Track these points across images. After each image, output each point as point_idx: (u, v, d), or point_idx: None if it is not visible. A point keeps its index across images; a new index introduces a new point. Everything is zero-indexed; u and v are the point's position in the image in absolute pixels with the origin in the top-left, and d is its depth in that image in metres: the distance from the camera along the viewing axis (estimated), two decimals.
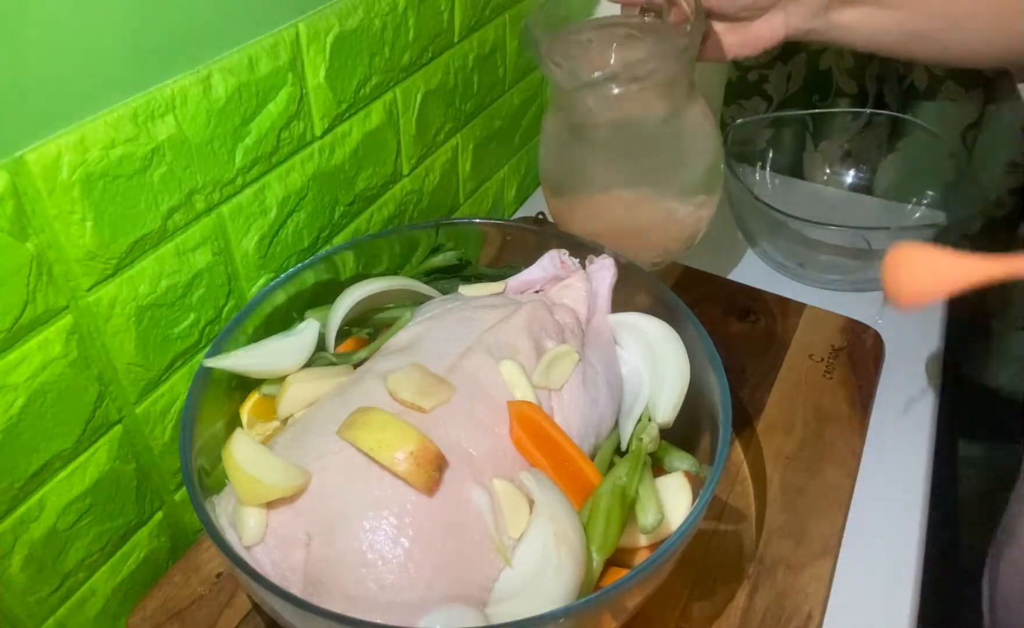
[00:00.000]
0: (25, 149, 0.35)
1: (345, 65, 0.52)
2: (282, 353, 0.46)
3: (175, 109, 0.41)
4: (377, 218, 0.62)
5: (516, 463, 0.39)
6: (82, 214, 0.38)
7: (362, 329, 0.51)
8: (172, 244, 0.43)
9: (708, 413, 0.42)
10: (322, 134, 0.53)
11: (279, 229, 0.51)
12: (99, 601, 0.45)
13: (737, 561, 0.47)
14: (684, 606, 0.45)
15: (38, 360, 0.38)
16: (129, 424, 0.44)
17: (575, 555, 0.34)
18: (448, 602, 0.35)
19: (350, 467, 0.37)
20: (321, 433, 0.39)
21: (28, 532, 0.40)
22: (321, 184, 0.54)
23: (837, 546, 0.48)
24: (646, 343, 0.47)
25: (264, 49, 0.46)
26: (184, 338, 0.46)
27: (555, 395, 0.42)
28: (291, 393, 0.44)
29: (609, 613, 0.36)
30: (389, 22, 0.55)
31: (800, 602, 0.45)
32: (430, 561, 0.35)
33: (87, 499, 0.42)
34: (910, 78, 0.91)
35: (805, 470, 0.53)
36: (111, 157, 0.38)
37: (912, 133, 0.83)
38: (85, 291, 0.39)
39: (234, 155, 0.46)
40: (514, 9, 0.72)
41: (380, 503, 0.36)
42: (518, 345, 0.44)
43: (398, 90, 0.59)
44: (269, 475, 0.36)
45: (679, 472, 0.42)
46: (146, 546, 0.48)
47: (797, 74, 0.93)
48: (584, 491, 0.39)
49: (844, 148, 0.87)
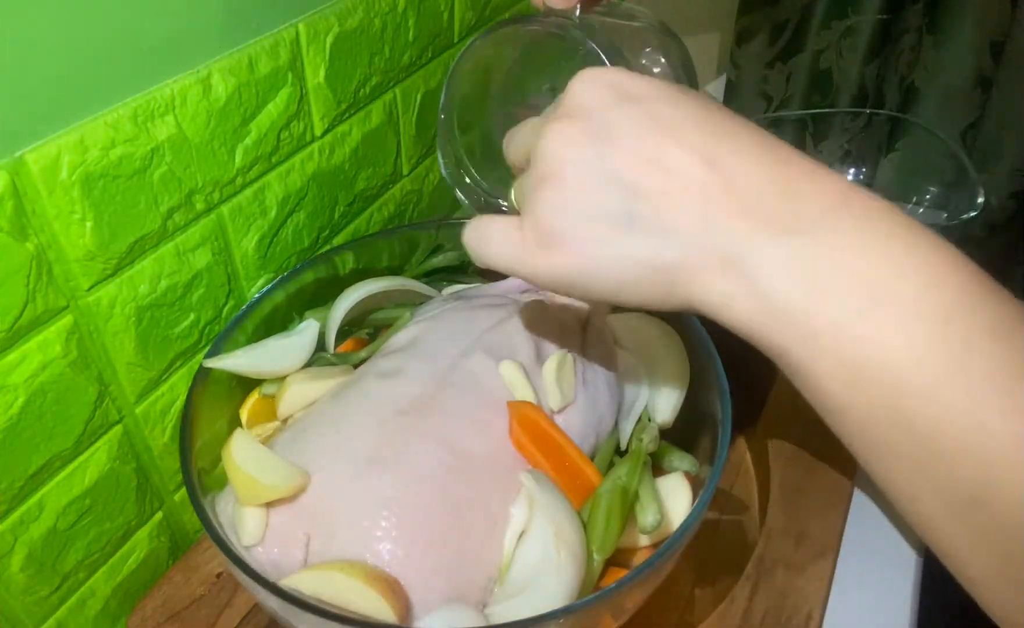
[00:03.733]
0: (25, 149, 0.35)
1: (345, 65, 0.52)
2: (282, 353, 0.46)
3: (175, 109, 0.41)
4: (377, 218, 0.62)
5: (516, 463, 0.39)
6: (82, 214, 0.38)
7: (362, 329, 0.52)
8: (172, 244, 0.43)
9: (708, 413, 0.42)
10: (322, 134, 0.53)
11: (279, 229, 0.51)
12: (99, 601, 0.45)
13: (738, 558, 0.47)
14: (684, 606, 0.45)
15: (38, 360, 0.38)
16: (129, 424, 0.44)
17: (575, 555, 0.34)
18: (448, 602, 0.35)
19: (350, 467, 0.37)
20: (321, 433, 0.39)
21: (28, 532, 0.40)
22: (321, 184, 0.54)
23: (837, 546, 0.48)
24: (646, 343, 0.47)
25: (264, 49, 0.46)
26: (184, 338, 0.46)
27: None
28: (291, 393, 0.44)
29: (609, 613, 0.36)
30: (389, 22, 0.55)
31: (800, 602, 0.45)
32: (430, 561, 0.35)
33: (87, 499, 0.42)
34: (910, 78, 0.91)
35: (805, 470, 0.53)
36: (111, 157, 0.38)
37: (912, 133, 0.83)
38: (85, 291, 0.39)
39: (234, 155, 0.46)
40: (514, 9, 0.72)
41: (380, 503, 0.36)
42: (518, 345, 0.44)
43: (398, 90, 0.59)
44: (269, 475, 0.36)
45: (679, 472, 0.42)
46: (146, 546, 0.48)
47: (797, 74, 0.93)
48: (584, 491, 0.39)
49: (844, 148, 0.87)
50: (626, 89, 0.30)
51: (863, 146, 0.86)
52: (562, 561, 0.34)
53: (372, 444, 0.38)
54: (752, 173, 0.28)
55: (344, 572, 0.34)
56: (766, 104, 0.96)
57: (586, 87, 0.31)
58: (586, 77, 0.31)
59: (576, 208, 0.29)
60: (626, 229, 0.29)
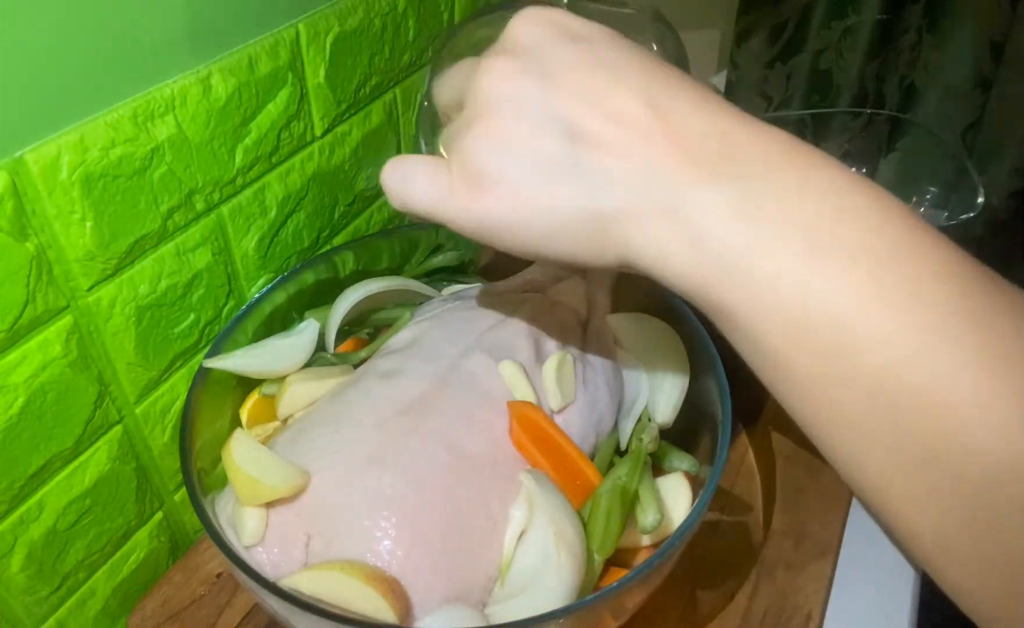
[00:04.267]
0: (25, 149, 0.35)
1: (345, 65, 0.52)
2: (282, 353, 0.46)
3: (175, 109, 0.41)
4: (377, 218, 0.62)
5: (516, 463, 0.39)
6: (82, 214, 0.38)
7: (362, 329, 0.51)
8: (172, 244, 0.43)
9: (708, 413, 0.42)
10: (322, 134, 0.53)
11: (279, 229, 0.51)
12: (99, 601, 0.45)
13: (738, 558, 0.47)
14: (684, 606, 0.45)
15: (38, 360, 0.38)
16: (129, 424, 0.44)
17: (575, 555, 0.34)
18: (448, 602, 0.35)
19: (350, 467, 0.37)
20: (321, 433, 0.39)
21: (28, 532, 0.40)
22: (321, 184, 0.54)
23: (837, 546, 0.48)
24: (646, 343, 0.47)
25: (264, 49, 0.46)
26: (184, 338, 0.46)
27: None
28: (291, 393, 0.44)
29: (609, 613, 0.36)
30: (389, 22, 0.55)
31: (800, 602, 0.45)
32: (430, 561, 0.35)
33: (87, 499, 0.42)
34: (910, 78, 0.91)
35: (805, 470, 0.53)
36: (111, 157, 0.38)
37: (912, 133, 0.83)
38: (85, 291, 0.39)
39: (234, 155, 0.46)
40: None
41: (380, 503, 0.36)
42: (518, 345, 0.44)
43: (398, 90, 0.59)
44: (269, 475, 0.36)
45: (679, 472, 0.42)
46: (146, 546, 0.48)
47: (797, 74, 0.93)
48: (584, 491, 0.39)
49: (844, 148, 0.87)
50: (569, 27, 0.29)
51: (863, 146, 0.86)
52: (562, 561, 0.34)
53: (372, 444, 0.38)
54: (695, 122, 0.26)
55: (344, 572, 0.34)
56: (766, 104, 0.96)
57: (527, 24, 0.29)
58: (527, 14, 0.29)
59: (511, 148, 0.28)
60: (564, 173, 0.27)
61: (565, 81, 0.27)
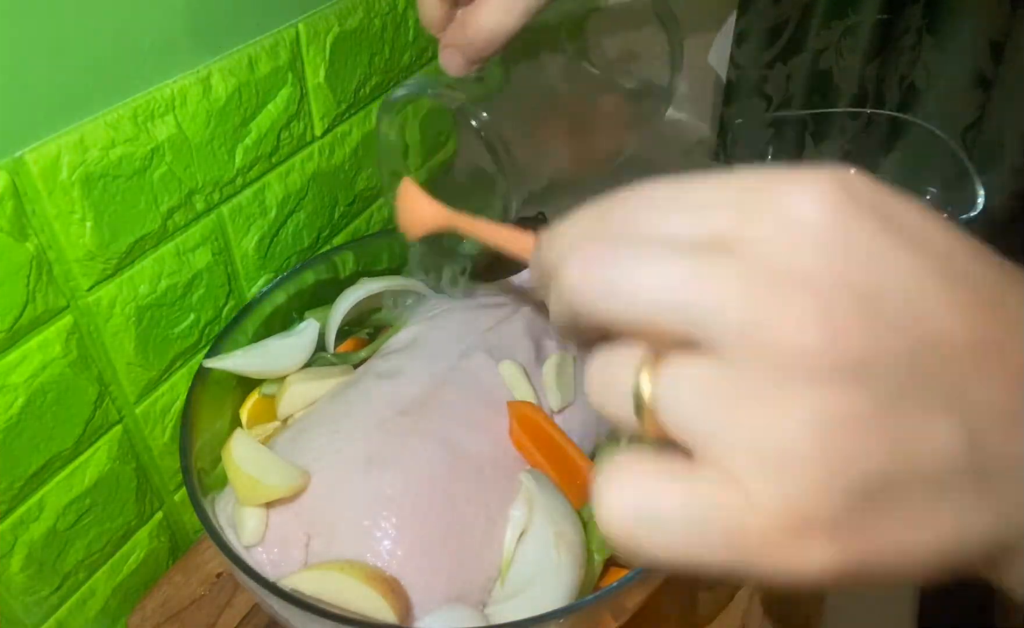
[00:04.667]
0: (25, 149, 0.35)
1: (345, 65, 0.52)
2: (282, 353, 0.46)
3: (175, 109, 0.41)
4: (377, 218, 0.62)
5: (516, 463, 0.39)
6: (82, 214, 0.38)
7: (362, 329, 0.51)
8: (172, 244, 0.43)
9: None
10: (322, 134, 0.53)
11: (279, 229, 0.51)
12: (99, 601, 0.45)
13: None
14: (685, 606, 0.45)
15: (38, 360, 0.38)
16: (129, 424, 0.44)
17: (575, 555, 0.34)
18: (448, 602, 0.35)
19: (350, 467, 0.37)
20: (321, 433, 0.40)
21: (28, 532, 0.40)
22: (321, 184, 0.54)
23: None
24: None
25: (264, 49, 0.46)
26: (184, 338, 0.46)
27: None
28: (291, 393, 0.44)
29: (609, 613, 0.36)
30: (389, 22, 0.55)
31: (800, 603, 0.45)
32: (429, 561, 0.35)
33: (87, 499, 0.42)
34: (910, 78, 0.91)
35: None
36: (111, 157, 0.38)
37: (912, 133, 0.83)
38: (85, 291, 0.39)
39: (234, 155, 0.46)
40: None
41: (380, 503, 0.36)
42: (518, 345, 0.44)
43: None
44: (269, 475, 0.36)
45: None
46: (146, 546, 0.48)
47: (797, 74, 0.93)
48: (584, 491, 0.39)
49: (844, 148, 0.87)
50: (884, 206, 0.17)
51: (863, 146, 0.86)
52: (562, 561, 0.34)
53: (372, 444, 0.38)
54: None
55: (344, 572, 0.34)
56: (766, 104, 0.96)
57: (815, 196, 0.16)
58: (811, 180, 0.16)
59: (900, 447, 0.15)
60: (966, 484, 0.16)
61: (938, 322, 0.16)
